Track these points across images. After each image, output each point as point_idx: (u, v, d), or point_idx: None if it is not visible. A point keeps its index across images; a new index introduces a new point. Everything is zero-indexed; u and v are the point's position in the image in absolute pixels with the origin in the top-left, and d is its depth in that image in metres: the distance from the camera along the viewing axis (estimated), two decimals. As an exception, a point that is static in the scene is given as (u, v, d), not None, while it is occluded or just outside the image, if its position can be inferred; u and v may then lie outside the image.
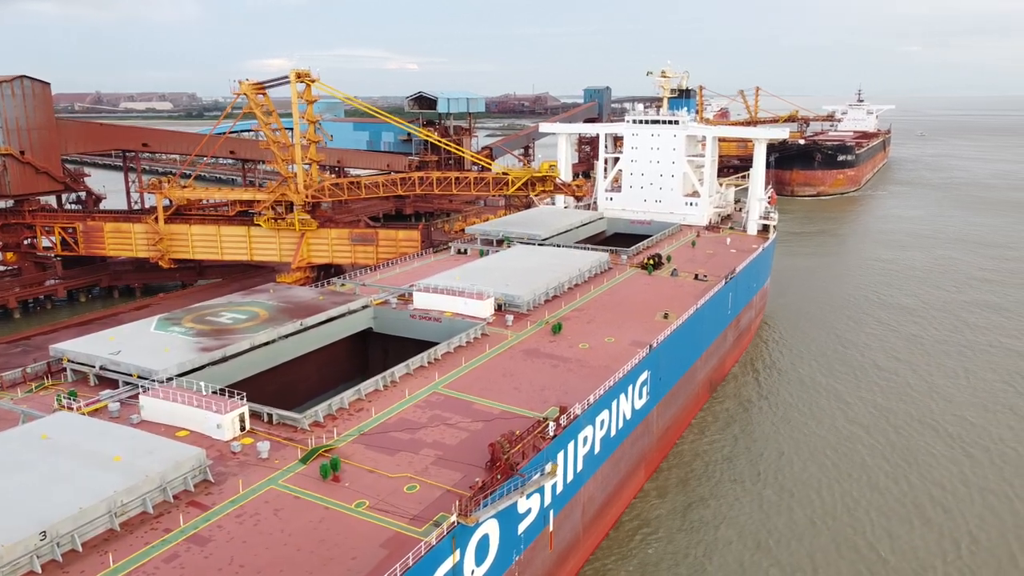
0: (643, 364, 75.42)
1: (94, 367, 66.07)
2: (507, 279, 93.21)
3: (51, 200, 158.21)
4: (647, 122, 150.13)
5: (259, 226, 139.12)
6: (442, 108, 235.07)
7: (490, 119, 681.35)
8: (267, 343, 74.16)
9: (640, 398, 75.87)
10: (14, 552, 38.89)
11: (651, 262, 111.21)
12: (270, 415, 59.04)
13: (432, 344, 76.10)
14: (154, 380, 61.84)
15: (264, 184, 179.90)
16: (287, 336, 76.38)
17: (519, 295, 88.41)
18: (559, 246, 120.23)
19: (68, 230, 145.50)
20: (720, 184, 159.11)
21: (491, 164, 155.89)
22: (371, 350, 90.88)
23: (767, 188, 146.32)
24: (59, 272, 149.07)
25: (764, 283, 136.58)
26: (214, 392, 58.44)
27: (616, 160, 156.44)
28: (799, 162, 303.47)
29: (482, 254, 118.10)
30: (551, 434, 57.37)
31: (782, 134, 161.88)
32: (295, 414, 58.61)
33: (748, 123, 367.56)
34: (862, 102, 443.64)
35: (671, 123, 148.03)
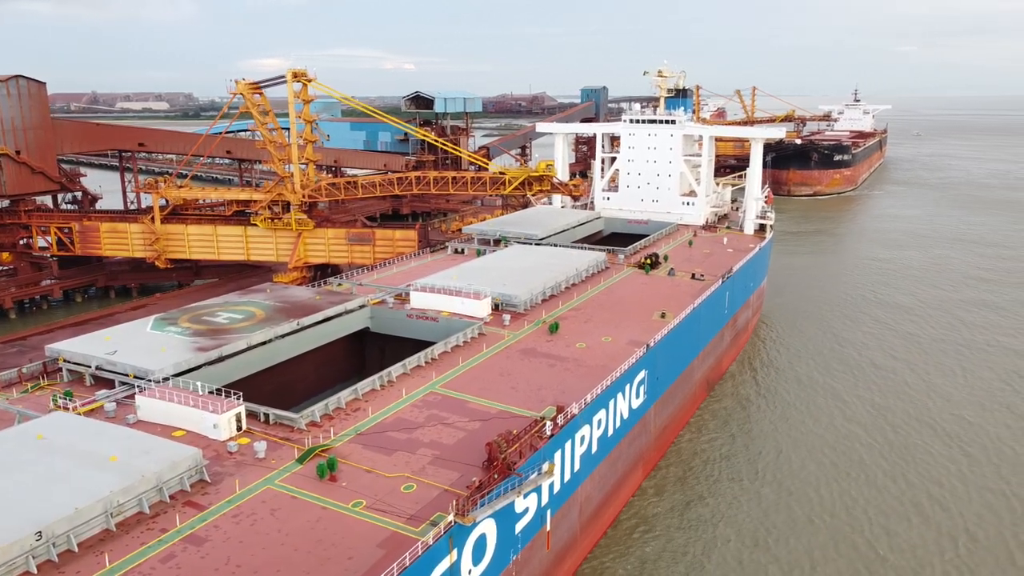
0: (640, 363, 75.41)
1: (90, 367, 65.85)
2: (504, 279, 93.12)
3: (47, 200, 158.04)
4: (644, 122, 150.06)
5: (256, 226, 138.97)
6: (439, 108, 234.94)
7: (487, 119, 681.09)
8: (264, 343, 74.00)
9: (637, 397, 75.85)
10: (10, 552, 38.75)
11: (648, 262, 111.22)
12: (267, 415, 58.90)
13: (429, 344, 76.02)
14: (150, 380, 61.69)
15: (261, 184, 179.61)
16: (284, 336, 76.23)
17: (516, 295, 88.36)
18: (556, 246, 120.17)
19: (64, 230, 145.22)
20: (717, 184, 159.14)
21: (488, 164, 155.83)
22: (368, 350, 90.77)
23: (764, 188, 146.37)
24: (55, 272, 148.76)
25: (761, 282, 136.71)
26: (210, 392, 58.30)
27: (613, 160, 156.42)
28: (796, 162, 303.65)
29: (479, 254, 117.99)
30: (548, 433, 57.31)
31: (779, 134, 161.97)
32: (292, 414, 58.49)
33: (745, 123, 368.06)
34: (858, 102, 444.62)
35: (668, 123, 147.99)
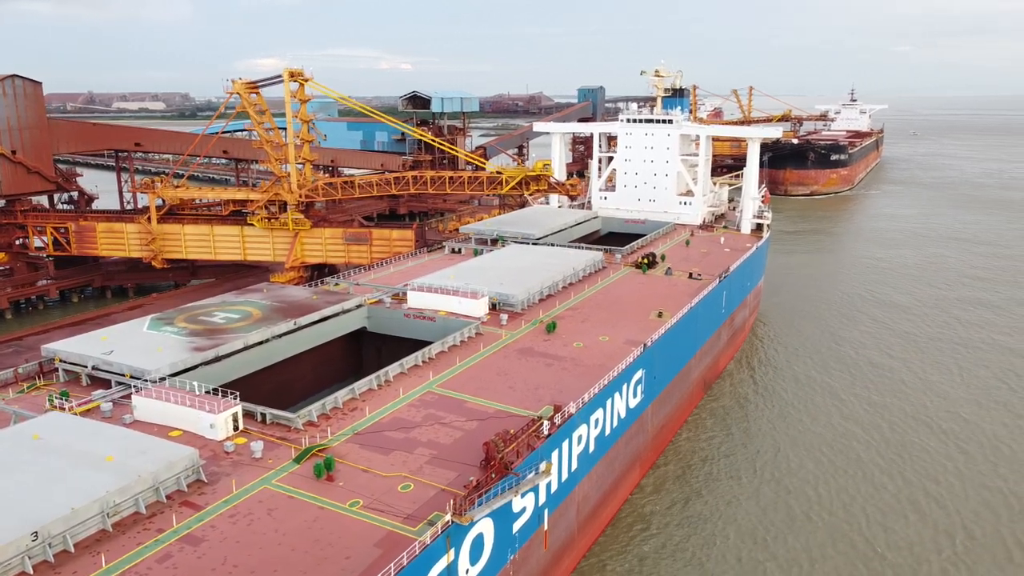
0: (637, 363, 75.43)
1: (86, 367, 65.71)
2: (501, 278, 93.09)
3: (43, 200, 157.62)
4: (641, 121, 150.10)
5: (252, 226, 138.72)
6: (436, 108, 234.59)
7: (484, 119, 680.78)
8: (261, 343, 73.90)
9: (634, 397, 75.86)
10: (5, 553, 38.62)
11: (645, 261, 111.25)
12: (263, 415, 58.80)
13: (426, 343, 75.92)
14: (147, 380, 61.53)
15: (257, 184, 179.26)
16: (281, 336, 76.13)
17: (513, 294, 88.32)
18: (553, 245, 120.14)
19: (60, 230, 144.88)
20: (714, 183, 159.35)
21: (485, 163, 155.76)
22: (365, 349, 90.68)
23: (761, 187, 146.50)
24: (51, 272, 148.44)
25: (758, 282, 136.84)
26: (207, 392, 58.14)
27: (610, 159, 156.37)
28: (792, 161, 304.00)
29: (476, 253, 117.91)
30: (545, 433, 57.28)
31: (775, 133, 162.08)
32: (289, 413, 58.40)
33: (742, 123, 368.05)
34: (855, 102, 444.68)
35: (665, 122, 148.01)
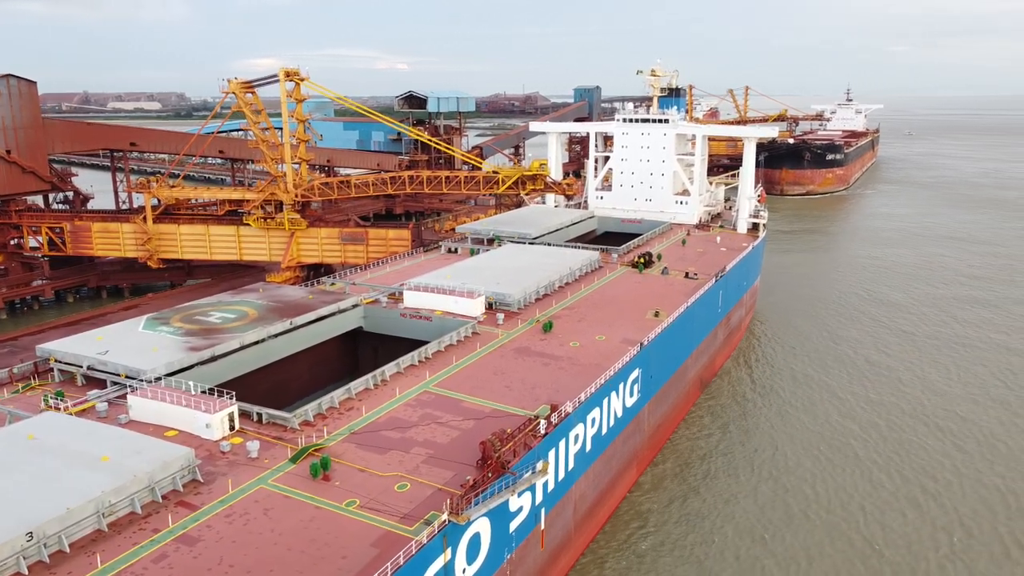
0: (634, 362, 75.39)
1: (81, 367, 65.52)
2: (498, 278, 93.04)
3: (38, 200, 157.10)
4: (637, 121, 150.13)
5: (248, 226, 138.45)
6: (432, 107, 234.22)
7: (480, 119, 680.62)
8: (256, 342, 73.74)
9: (631, 396, 75.84)
10: (1, 553, 38.47)
11: (642, 260, 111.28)
12: (260, 414, 58.68)
13: (422, 343, 75.86)
14: (142, 380, 61.35)
15: (253, 183, 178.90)
16: (277, 335, 75.98)
17: (510, 294, 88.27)
18: (550, 245, 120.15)
19: (55, 230, 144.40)
20: (710, 183, 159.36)
21: (481, 163, 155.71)
22: (361, 349, 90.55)
23: (757, 187, 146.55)
24: (46, 272, 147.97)
25: (754, 281, 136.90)
26: (203, 392, 57.99)
27: (606, 159, 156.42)
28: (788, 161, 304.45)
29: (472, 253, 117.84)
30: (542, 432, 57.23)
31: (771, 133, 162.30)
32: (285, 413, 58.26)
33: (738, 122, 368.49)
34: (851, 101, 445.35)
35: (661, 122, 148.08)
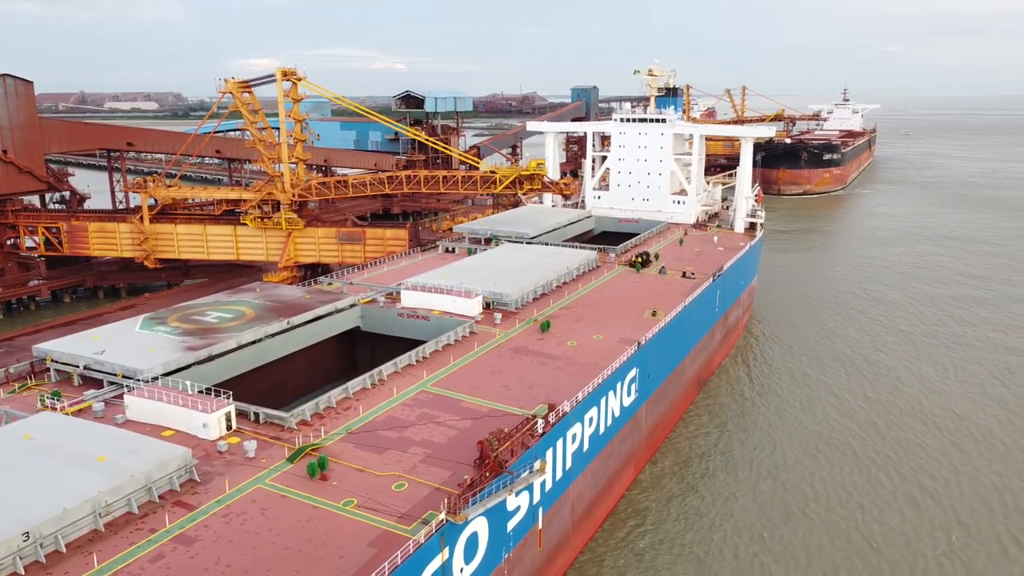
0: (631, 361, 75.39)
1: (78, 367, 65.33)
2: (495, 277, 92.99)
3: (34, 200, 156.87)
4: (634, 120, 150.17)
5: (245, 225, 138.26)
6: (429, 107, 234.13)
7: (478, 119, 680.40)
8: (254, 342, 73.58)
9: (629, 395, 75.84)
10: (-4, 553, 38.36)
11: (639, 260, 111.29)
12: (257, 414, 58.57)
13: (420, 342, 75.79)
14: (139, 380, 61.15)
15: (250, 183, 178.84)
16: (274, 335, 75.82)
17: (507, 293, 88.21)
18: (547, 244, 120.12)
19: (52, 230, 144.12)
20: (707, 182, 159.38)
21: (479, 163, 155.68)
22: (359, 349, 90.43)
23: (754, 186, 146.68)
24: (43, 272, 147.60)
25: (751, 280, 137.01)
26: (200, 391, 57.86)
27: (604, 159, 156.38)
28: (785, 161, 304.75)
29: (470, 253, 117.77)
30: (540, 431, 57.21)
31: (769, 132, 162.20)
32: (282, 413, 58.13)
33: (735, 122, 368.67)
34: (847, 101, 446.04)
35: (658, 122, 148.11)
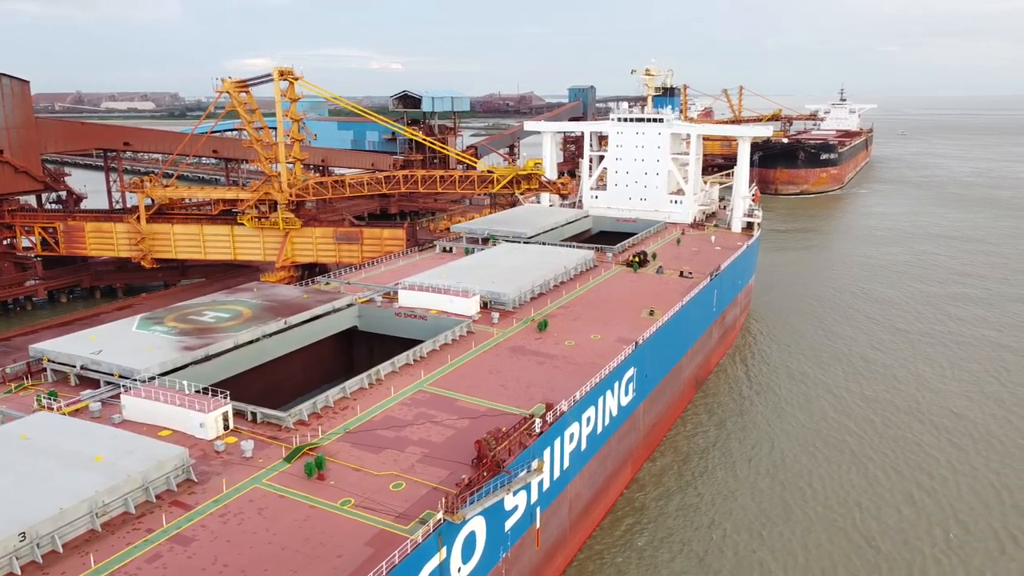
0: (629, 361, 75.43)
1: (75, 367, 65.21)
2: (493, 277, 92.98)
3: (31, 200, 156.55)
4: (632, 120, 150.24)
5: (243, 225, 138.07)
6: (427, 107, 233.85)
7: (475, 119, 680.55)
8: (251, 342, 73.50)
9: (626, 395, 75.87)
10: (-8, 554, 38.28)
11: (636, 260, 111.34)
12: (254, 414, 58.50)
13: (417, 342, 75.75)
14: (136, 379, 61.04)
15: (247, 183, 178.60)
16: (271, 335, 75.76)
17: (505, 293, 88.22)
18: (545, 244, 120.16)
19: (48, 230, 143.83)
20: (705, 182, 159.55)
21: (476, 163, 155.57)
22: (356, 348, 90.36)
23: (751, 186, 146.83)
24: (39, 272, 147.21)
25: (749, 280, 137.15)
26: (197, 391, 57.77)
27: (601, 158, 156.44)
28: (783, 160, 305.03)
29: (467, 252, 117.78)
30: (537, 431, 57.22)
31: (766, 132, 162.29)
32: (279, 412, 58.08)
33: (732, 122, 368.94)
34: (844, 101, 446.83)
35: (656, 121, 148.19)
